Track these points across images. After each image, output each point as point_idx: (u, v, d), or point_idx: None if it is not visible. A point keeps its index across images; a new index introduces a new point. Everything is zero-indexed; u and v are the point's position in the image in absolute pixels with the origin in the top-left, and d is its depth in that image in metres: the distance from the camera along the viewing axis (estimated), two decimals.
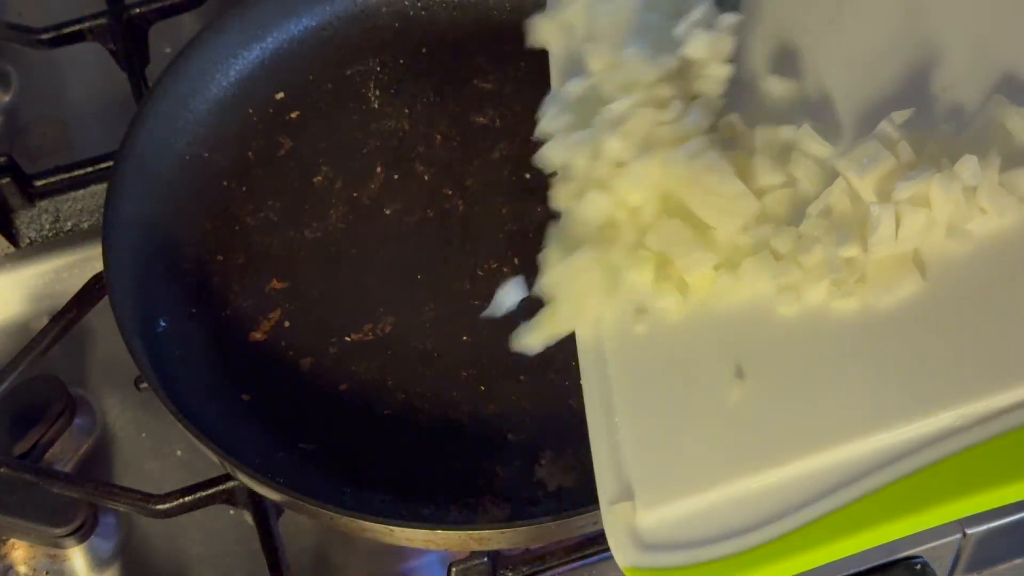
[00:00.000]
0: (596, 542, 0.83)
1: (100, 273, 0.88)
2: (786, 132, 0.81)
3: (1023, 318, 0.70)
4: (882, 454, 0.69)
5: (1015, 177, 0.73)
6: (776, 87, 0.86)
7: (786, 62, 0.87)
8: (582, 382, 0.81)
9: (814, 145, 0.80)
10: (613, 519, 0.74)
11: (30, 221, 1.00)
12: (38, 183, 0.98)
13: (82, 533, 0.87)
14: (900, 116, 0.77)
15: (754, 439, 0.73)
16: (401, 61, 1.02)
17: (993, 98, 0.76)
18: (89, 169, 0.98)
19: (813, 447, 0.71)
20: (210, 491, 0.83)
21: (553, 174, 0.87)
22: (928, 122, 0.78)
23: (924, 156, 0.75)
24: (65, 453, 0.92)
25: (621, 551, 0.73)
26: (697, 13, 0.84)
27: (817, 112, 0.83)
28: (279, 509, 0.85)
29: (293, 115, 0.99)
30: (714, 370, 0.76)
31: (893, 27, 0.84)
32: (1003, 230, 0.73)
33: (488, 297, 0.88)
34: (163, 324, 0.88)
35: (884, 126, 0.77)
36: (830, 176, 0.78)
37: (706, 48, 0.83)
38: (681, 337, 0.79)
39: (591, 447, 0.77)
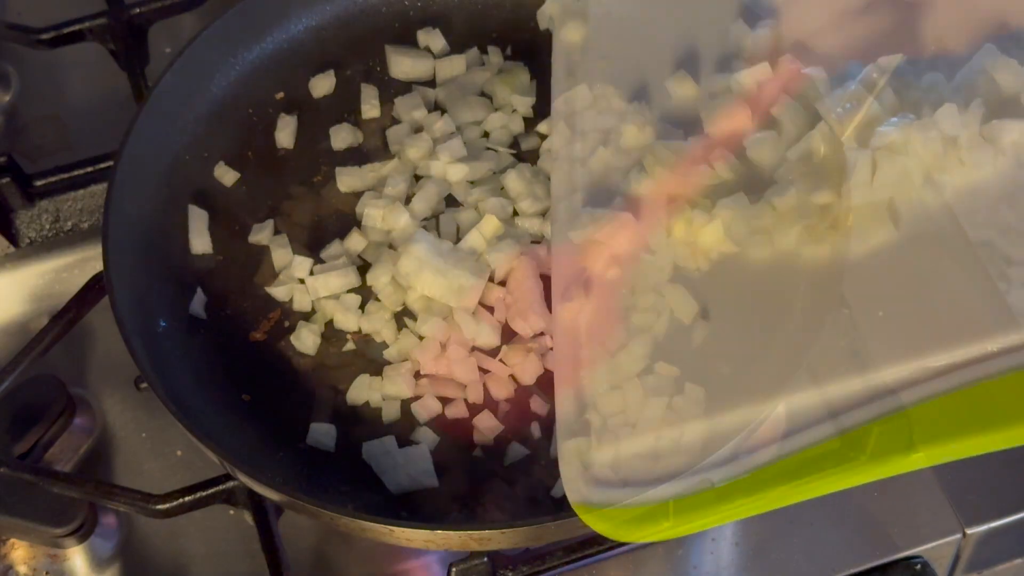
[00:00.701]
0: (596, 542, 0.83)
1: (100, 273, 0.88)
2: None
3: (987, 276, 0.70)
4: (835, 404, 0.69)
5: (997, 128, 0.72)
6: (745, 36, 0.84)
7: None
8: (552, 314, 0.79)
9: (791, 67, 0.78)
10: (569, 453, 0.73)
11: (30, 221, 1.00)
12: (38, 183, 0.99)
13: (82, 533, 0.87)
14: (887, 61, 0.76)
15: (714, 381, 0.73)
16: None
17: (984, 47, 0.75)
18: (89, 169, 0.98)
19: (770, 393, 0.71)
20: (210, 491, 0.83)
21: None
22: (916, 69, 0.77)
23: (908, 104, 0.74)
24: (65, 453, 0.92)
25: (573, 486, 0.72)
26: None
27: (803, 57, 0.81)
28: (279, 509, 0.85)
29: (293, 115, 0.99)
30: (681, 310, 0.76)
31: None
32: (978, 183, 0.72)
33: None
34: (163, 324, 0.88)
35: (870, 71, 0.75)
36: (813, 121, 0.76)
37: None
38: (652, 274, 0.78)
39: (554, 381, 0.77)
